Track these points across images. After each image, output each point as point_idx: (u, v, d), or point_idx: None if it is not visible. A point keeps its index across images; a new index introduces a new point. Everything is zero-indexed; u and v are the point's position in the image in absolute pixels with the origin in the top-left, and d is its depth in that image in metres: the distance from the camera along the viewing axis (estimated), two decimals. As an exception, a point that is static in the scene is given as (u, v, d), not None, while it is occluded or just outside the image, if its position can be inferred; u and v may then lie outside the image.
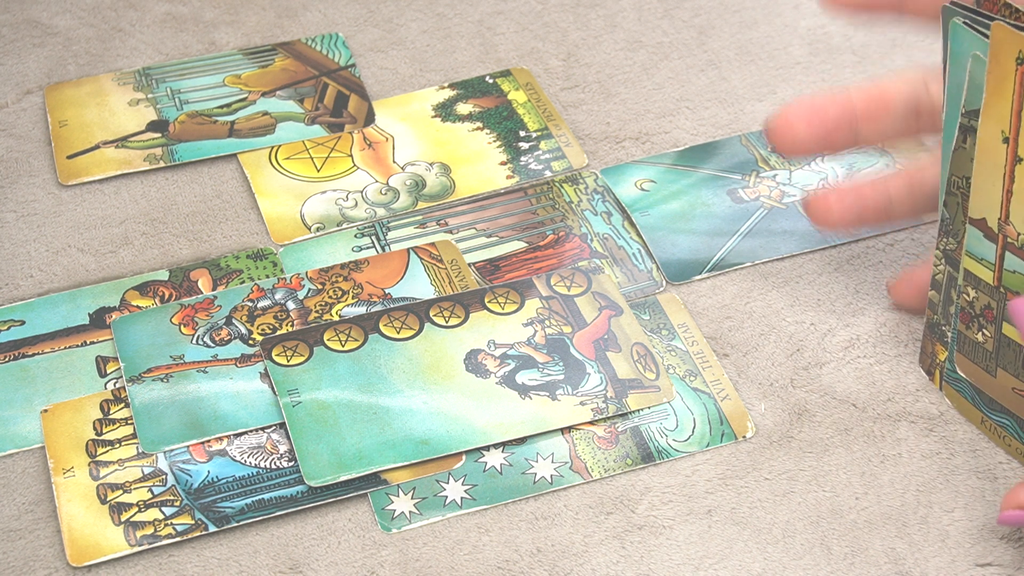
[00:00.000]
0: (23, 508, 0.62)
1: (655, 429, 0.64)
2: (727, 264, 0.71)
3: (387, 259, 0.71)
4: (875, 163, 0.76)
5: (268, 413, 0.64)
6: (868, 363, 0.67)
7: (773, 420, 0.64)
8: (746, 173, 0.75)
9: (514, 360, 0.66)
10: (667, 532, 0.60)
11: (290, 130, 0.78)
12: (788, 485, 0.62)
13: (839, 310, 0.69)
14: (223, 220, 0.74)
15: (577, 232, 0.72)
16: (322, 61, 0.82)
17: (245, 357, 0.66)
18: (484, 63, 0.82)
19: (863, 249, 0.72)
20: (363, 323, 0.67)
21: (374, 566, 0.59)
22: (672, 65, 0.82)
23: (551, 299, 0.69)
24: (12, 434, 0.64)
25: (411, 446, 0.63)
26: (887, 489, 0.62)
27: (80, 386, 0.66)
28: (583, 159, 0.76)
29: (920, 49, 0.82)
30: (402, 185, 0.75)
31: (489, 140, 0.78)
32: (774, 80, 0.81)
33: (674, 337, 0.68)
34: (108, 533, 0.60)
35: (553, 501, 0.62)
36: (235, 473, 0.62)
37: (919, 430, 0.64)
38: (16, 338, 0.68)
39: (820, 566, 0.59)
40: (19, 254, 0.72)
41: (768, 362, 0.67)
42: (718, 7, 0.86)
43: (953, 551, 0.60)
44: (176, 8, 0.86)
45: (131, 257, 0.72)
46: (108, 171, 0.76)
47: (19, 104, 0.80)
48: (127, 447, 0.63)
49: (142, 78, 0.81)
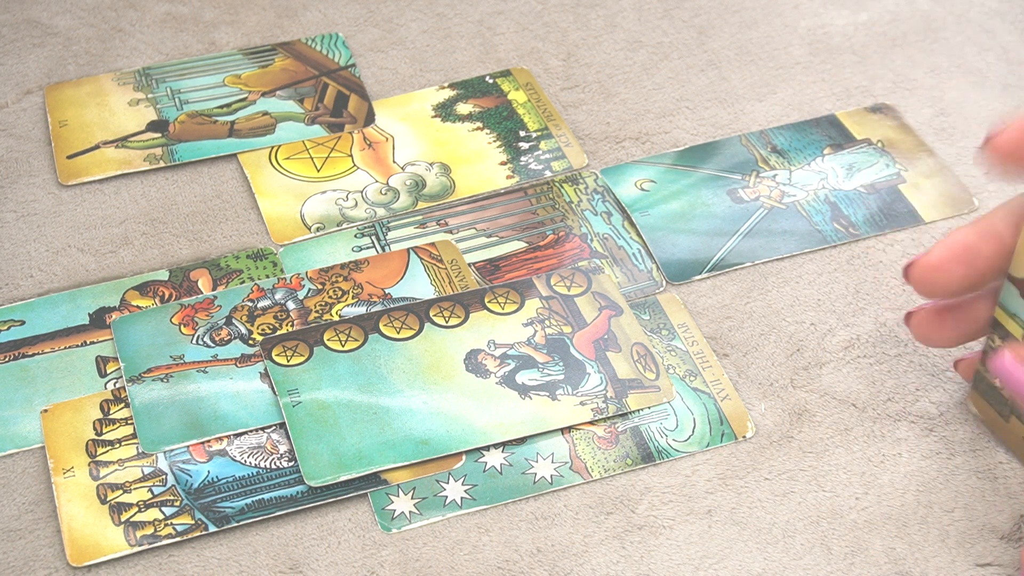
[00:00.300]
0: (23, 508, 0.62)
1: (655, 429, 0.64)
2: (727, 264, 0.71)
3: (387, 259, 0.71)
4: (875, 162, 0.76)
5: (268, 413, 0.64)
6: (868, 363, 0.67)
7: (773, 420, 0.64)
8: (746, 173, 0.75)
9: (514, 360, 0.66)
10: (667, 532, 0.60)
11: (290, 130, 0.78)
12: (788, 485, 0.62)
13: (839, 310, 0.69)
14: (223, 220, 0.74)
15: (577, 232, 0.72)
16: (322, 61, 0.82)
17: (245, 357, 0.66)
18: (484, 63, 0.82)
19: (863, 249, 0.72)
20: (363, 323, 0.67)
21: (374, 566, 0.59)
22: (672, 65, 0.82)
23: (551, 299, 0.69)
24: (12, 434, 0.64)
25: (411, 446, 0.62)
26: (887, 489, 0.62)
27: (80, 386, 0.66)
28: (583, 159, 0.76)
29: (920, 49, 0.82)
30: (402, 185, 0.75)
31: (489, 140, 0.78)
32: (774, 80, 0.81)
33: (674, 337, 0.68)
34: (108, 533, 0.60)
35: (553, 501, 0.62)
36: (235, 473, 0.62)
37: (919, 430, 0.64)
38: (16, 338, 0.68)
39: (820, 566, 0.59)
40: (19, 254, 0.72)
41: (768, 362, 0.67)
42: (718, 7, 0.86)
43: (953, 551, 0.60)
44: (176, 8, 0.86)
45: (131, 257, 0.72)
46: (108, 171, 0.76)
47: (19, 104, 0.80)
48: (127, 447, 0.63)
49: (142, 78, 0.81)
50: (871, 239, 0.72)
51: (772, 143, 0.77)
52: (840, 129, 0.78)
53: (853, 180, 0.75)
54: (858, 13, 0.85)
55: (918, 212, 0.73)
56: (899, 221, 0.73)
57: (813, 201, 0.74)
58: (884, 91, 0.80)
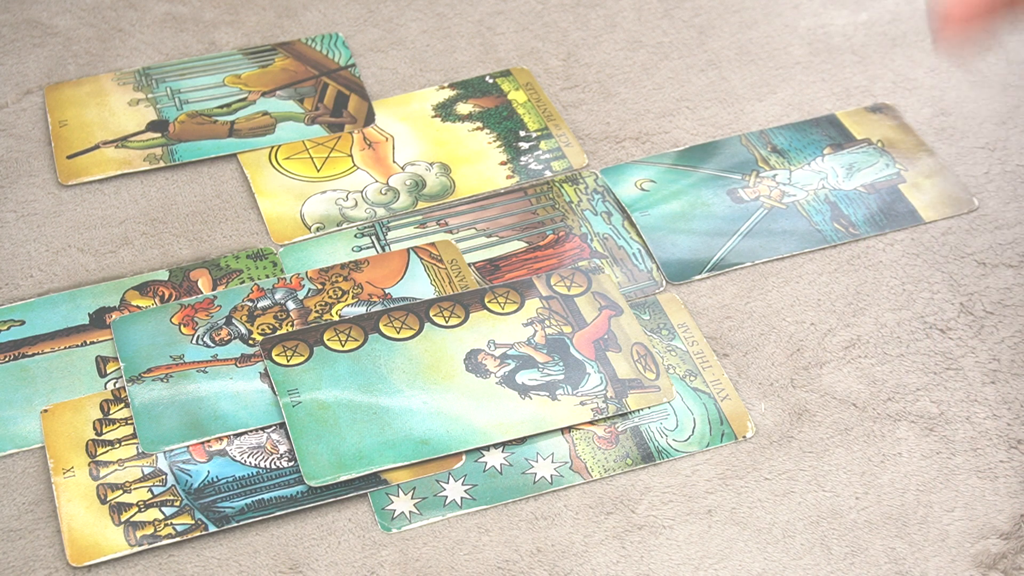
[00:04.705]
0: (23, 508, 0.62)
1: (655, 429, 0.64)
2: (727, 264, 0.71)
3: (387, 259, 0.71)
4: (875, 162, 0.76)
5: (268, 413, 0.64)
6: (868, 363, 0.67)
7: (773, 420, 0.64)
8: (746, 173, 0.75)
9: (514, 360, 0.66)
10: (667, 532, 0.60)
11: (290, 130, 0.78)
12: (788, 485, 0.62)
13: (839, 310, 0.69)
14: (223, 220, 0.74)
15: (577, 232, 0.72)
16: (322, 61, 0.82)
17: (245, 357, 0.66)
18: (484, 63, 0.82)
19: (863, 249, 0.72)
20: (363, 323, 0.67)
21: (374, 566, 0.59)
22: (672, 65, 0.82)
23: (551, 299, 0.69)
24: (12, 434, 0.64)
25: (411, 446, 0.62)
26: (887, 489, 0.62)
27: (80, 386, 0.66)
28: (583, 159, 0.76)
29: (920, 49, 0.82)
30: (402, 185, 0.75)
31: (489, 140, 0.78)
32: (774, 80, 0.81)
33: (674, 337, 0.68)
34: (108, 533, 0.60)
35: (553, 501, 0.62)
36: (235, 473, 0.62)
37: (919, 430, 0.64)
38: (16, 338, 0.68)
39: (820, 566, 0.59)
40: (19, 254, 0.72)
41: (768, 362, 0.67)
42: (718, 7, 0.86)
43: (953, 551, 0.60)
44: (176, 8, 0.86)
45: (131, 257, 0.72)
46: (108, 171, 0.76)
47: (19, 104, 0.80)
48: (127, 447, 0.63)
49: (142, 78, 0.81)
50: (871, 239, 0.72)
51: (772, 143, 0.77)
52: (840, 129, 0.78)
53: (853, 180, 0.75)
54: (858, 13, 0.85)
55: (918, 212, 0.73)
56: (899, 221, 0.73)
57: (813, 201, 0.74)
58: (884, 91, 0.80)
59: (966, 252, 0.71)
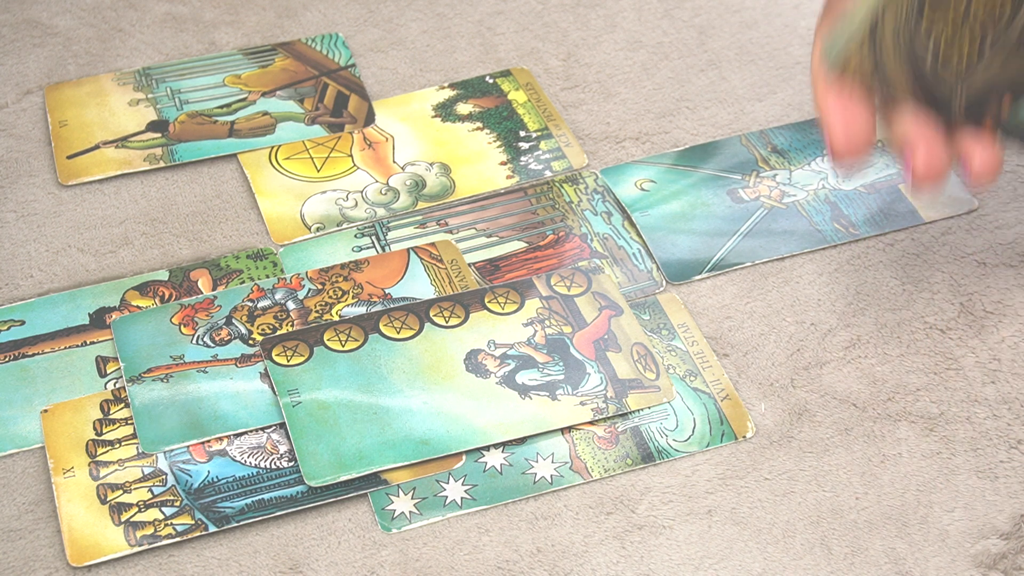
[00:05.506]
0: (23, 508, 0.62)
1: (655, 429, 0.64)
2: (727, 264, 0.71)
3: (387, 259, 0.71)
4: (875, 162, 0.76)
5: (268, 413, 0.64)
6: (868, 363, 0.67)
7: (773, 420, 0.64)
8: (746, 173, 0.75)
9: (514, 360, 0.66)
10: (667, 532, 0.60)
11: (290, 130, 0.78)
12: (788, 485, 0.62)
13: (839, 310, 0.69)
14: (223, 220, 0.74)
15: (577, 232, 0.72)
16: (322, 61, 0.82)
17: (245, 357, 0.66)
18: (484, 63, 0.82)
19: (863, 249, 0.72)
20: (363, 323, 0.67)
21: (374, 566, 0.59)
22: (672, 65, 0.82)
23: (551, 299, 0.69)
24: (12, 434, 0.64)
25: (411, 446, 0.62)
26: (887, 489, 0.62)
27: (80, 386, 0.66)
28: (583, 159, 0.76)
29: (920, 49, 0.82)
30: (402, 185, 0.75)
31: (489, 140, 0.78)
32: (774, 80, 0.81)
33: (674, 337, 0.68)
34: (108, 533, 0.60)
35: (553, 501, 0.62)
36: (235, 473, 0.62)
37: (919, 430, 0.64)
38: (16, 338, 0.68)
39: (820, 566, 0.59)
40: (19, 254, 0.72)
41: (768, 362, 0.67)
42: (718, 7, 0.86)
43: (953, 551, 0.60)
44: (176, 8, 0.86)
45: (131, 257, 0.72)
46: (108, 171, 0.76)
47: (19, 104, 0.80)
48: (127, 447, 0.63)
49: (142, 78, 0.81)
50: (871, 239, 0.72)
51: (772, 143, 0.77)
52: (840, 129, 0.78)
53: (853, 180, 0.75)
54: (858, 13, 0.85)
55: (918, 212, 0.73)
56: (899, 221, 0.73)
57: (813, 201, 0.74)
58: (884, 91, 0.80)
59: (966, 252, 0.71)
